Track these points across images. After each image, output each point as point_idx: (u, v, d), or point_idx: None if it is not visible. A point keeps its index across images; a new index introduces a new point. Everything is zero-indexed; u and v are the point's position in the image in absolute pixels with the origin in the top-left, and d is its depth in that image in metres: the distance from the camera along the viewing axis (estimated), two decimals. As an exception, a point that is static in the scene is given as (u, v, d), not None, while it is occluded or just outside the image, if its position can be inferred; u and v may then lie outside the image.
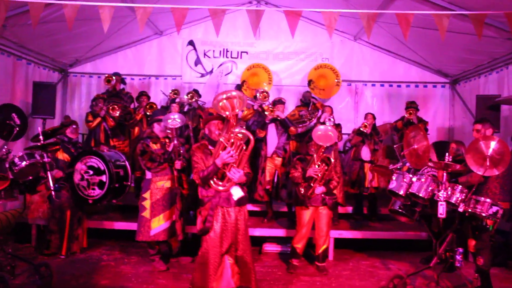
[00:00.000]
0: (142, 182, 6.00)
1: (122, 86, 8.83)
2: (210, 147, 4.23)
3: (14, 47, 7.88)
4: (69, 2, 5.19)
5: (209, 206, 4.14)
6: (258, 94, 7.68)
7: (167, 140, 5.91)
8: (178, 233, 5.89)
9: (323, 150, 5.76)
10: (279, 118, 7.24)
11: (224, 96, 3.89)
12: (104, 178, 6.06)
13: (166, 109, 8.40)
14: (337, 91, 9.54)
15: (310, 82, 9.03)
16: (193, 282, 4.27)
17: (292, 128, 7.25)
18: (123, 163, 6.41)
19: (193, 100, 8.39)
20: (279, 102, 7.50)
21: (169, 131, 5.88)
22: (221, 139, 3.98)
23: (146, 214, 5.73)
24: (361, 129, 7.59)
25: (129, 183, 6.39)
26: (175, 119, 5.82)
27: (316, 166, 5.73)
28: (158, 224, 5.71)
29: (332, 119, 7.22)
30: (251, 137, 4.01)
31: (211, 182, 4.04)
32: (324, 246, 5.94)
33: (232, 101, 3.87)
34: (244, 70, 9.52)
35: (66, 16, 5.20)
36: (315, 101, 8.30)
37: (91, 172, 6.10)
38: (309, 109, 7.98)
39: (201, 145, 4.27)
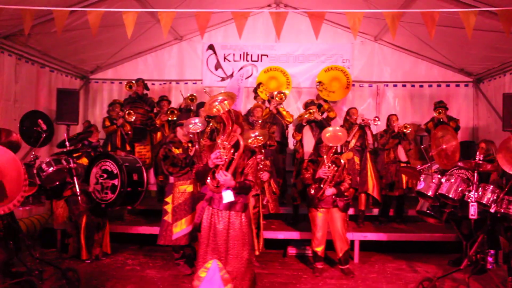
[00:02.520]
0: (166, 187, 6.02)
1: (145, 91, 8.87)
2: None
3: (38, 55, 8.01)
4: (94, 9, 5.24)
5: (201, 205, 4.14)
6: (275, 95, 7.67)
7: (190, 145, 5.92)
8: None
9: (333, 151, 5.73)
10: (316, 120, 7.21)
11: (216, 102, 3.87)
12: (116, 182, 5.92)
13: (187, 113, 8.44)
14: (355, 92, 9.48)
15: (319, 83, 8.95)
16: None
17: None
18: (138, 167, 6.22)
19: (193, 102, 8.44)
20: (311, 103, 7.48)
21: (191, 136, 5.89)
22: (218, 141, 4.00)
23: (168, 218, 5.77)
24: (404, 129, 7.45)
25: (143, 189, 6.23)
26: (196, 124, 5.82)
27: (326, 167, 5.69)
28: (180, 229, 5.72)
29: (377, 119, 7.31)
30: (241, 142, 3.94)
31: (207, 180, 4.05)
32: (344, 249, 5.88)
33: (223, 104, 3.86)
34: (261, 72, 9.53)
35: (90, 23, 5.26)
36: (322, 103, 8.26)
37: (105, 176, 6.02)
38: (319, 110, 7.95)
39: (212, 144, 4.28)
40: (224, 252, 4.02)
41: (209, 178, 4.04)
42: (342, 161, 5.83)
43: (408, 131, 7.47)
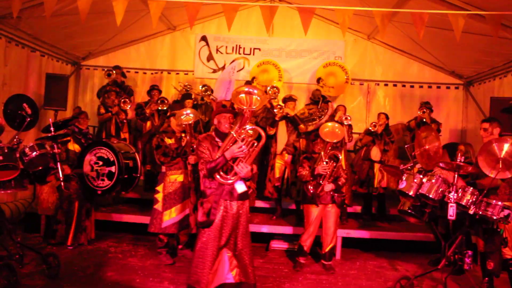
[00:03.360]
0: (158, 176, 6.08)
1: (122, 79, 8.90)
2: (217, 139, 4.21)
3: (29, 39, 7.96)
4: (83, -5, 5.21)
5: (213, 199, 4.11)
6: (268, 90, 7.68)
7: (183, 135, 5.96)
8: (192, 226, 5.95)
9: (330, 147, 5.74)
10: (289, 116, 7.24)
11: (246, 89, 3.91)
12: (113, 169, 6.03)
13: (178, 103, 8.45)
14: (346, 89, 9.51)
15: (319, 79, 8.99)
16: (189, 275, 4.22)
17: (301, 126, 7.25)
18: (132, 154, 6.40)
19: (207, 93, 8.45)
20: (289, 99, 7.50)
21: (183, 126, 5.92)
22: (232, 133, 3.98)
23: (158, 206, 5.84)
24: (369, 128, 7.57)
25: (138, 175, 6.39)
26: (188, 115, 5.87)
27: (324, 163, 5.71)
28: (170, 217, 5.79)
29: (349, 118, 7.22)
30: (263, 133, 4.01)
31: (217, 174, 4.03)
32: (331, 245, 5.92)
33: (252, 97, 3.88)
34: (254, 66, 9.56)
35: (80, 9, 5.25)
36: (329, 100, 8.28)
37: (101, 163, 6.08)
38: (319, 107, 7.95)
39: (208, 136, 4.26)
40: (233, 240, 4.16)
41: (221, 171, 4.04)
42: (340, 157, 5.83)
43: (373, 130, 7.52)
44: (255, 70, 9.46)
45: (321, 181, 5.73)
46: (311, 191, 5.75)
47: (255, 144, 4.04)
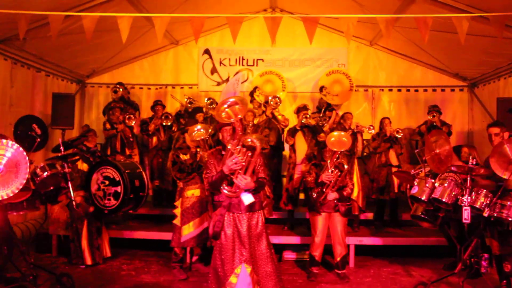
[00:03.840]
0: (177, 191, 6.12)
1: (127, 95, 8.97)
2: (223, 152, 4.23)
3: (34, 60, 8.02)
4: (88, 14, 5.25)
5: (219, 212, 4.13)
6: (270, 100, 7.69)
7: (198, 150, 5.99)
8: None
9: (337, 156, 5.74)
10: (310, 125, 7.23)
11: (225, 105, 3.93)
12: (119, 189, 6.04)
13: (192, 118, 8.45)
14: (351, 96, 9.51)
15: (322, 88, 8.99)
16: None
17: (322, 135, 7.21)
18: (139, 174, 6.38)
19: (212, 106, 8.48)
20: (303, 108, 7.49)
21: (197, 142, 5.95)
22: (228, 147, 4.00)
23: (177, 221, 5.88)
24: (395, 134, 7.49)
25: (145, 194, 6.37)
26: (199, 130, 5.93)
27: (329, 172, 5.70)
28: (188, 231, 5.81)
29: (372, 127, 7.38)
30: (257, 144, 4.00)
31: (221, 188, 4.04)
32: (343, 253, 5.88)
33: (234, 108, 3.88)
34: (256, 76, 9.61)
35: (85, 27, 5.28)
36: (333, 108, 8.30)
37: (107, 183, 6.09)
38: (321, 115, 7.96)
39: (215, 151, 4.30)
40: (250, 253, 4.06)
41: (224, 184, 4.04)
42: (346, 166, 5.82)
43: (400, 136, 7.50)
44: (258, 80, 9.50)
45: (324, 189, 5.72)
46: (314, 198, 5.75)
47: (250, 154, 4.02)
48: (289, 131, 7.36)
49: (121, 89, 8.70)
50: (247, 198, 4.05)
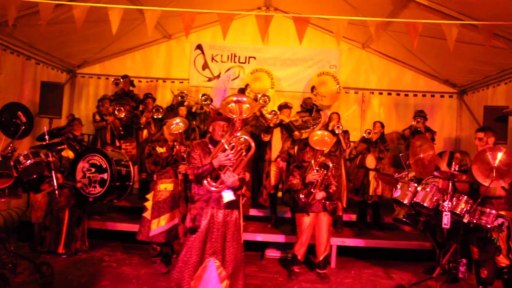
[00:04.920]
0: (150, 184, 6.07)
1: (131, 88, 8.89)
2: (210, 145, 4.22)
3: (24, 47, 7.95)
4: (79, 4, 5.22)
5: (199, 205, 4.12)
6: (259, 98, 7.71)
7: (175, 143, 5.95)
8: (180, 236, 5.91)
9: (319, 155, 5.75)
10: (283, 123, 7.26)
11: (234, 99, 3.89)
12: (105, 176, 6.02)
13: (172, 111, 8.46)
14: (341, 98, 9.56)
15: (312, 88, 9.03)
16: (171, 279, 4.20)
17: (296, 133, 7.28)
18: (126, 163, 6.38)
19: (207, 102, 8.47)
20: (285, 106, 7.53)
21: (174, 135, 5.91)
22: (222, 141, 3.98)
23: (147, 214, 5.84)
24: (364, 135, 7.60)
25: (131, 183, 6.35)
26: (178, 124, 5.87)
27: (315, 171, 5.72)
28: (157, 226, 5.78)
29: (340, 127, 7.24)
30: (253, 144, 3.99)
31: (205, 181, 4.02)
32: (325, 253, 5.91)
33: (241, 106, 3.86)
34: (247, 74, 9.63)
35: (76, 17, 5.26)
36: (320, 109, 8.33)
37: (93, 170, 6.06)
38: (312, 115, 7.98)
39: (201, 142, 4.27)
40: (221, 249, 4.07)
41: (208, 178, 4.03)
42: (330, 164, 5.84)
43: (369, 137, 7.56)
44: (248, 77, 9.53)
45: (312, 189, 5.74)
46: (303, 200, 5.75)
47: (244, 153, 4.02)
48: (264, 128, 7.36)
49: (122, 81, 8.66)
50: (228, 195, 4.04)
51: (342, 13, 6.72)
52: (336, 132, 7.15)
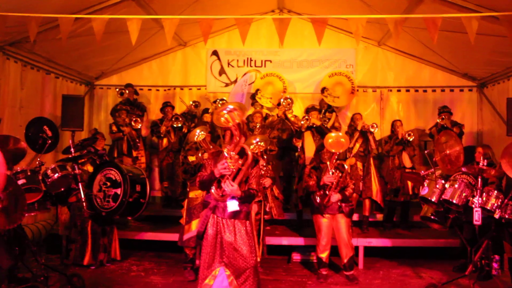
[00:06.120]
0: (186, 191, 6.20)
1: (135, 96, 9.03)
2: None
3: (43, 62, 8.07)
4: (98, 16, 5.28)
5: (205, 213, 4.11)
6: (282, 101, 7.69)
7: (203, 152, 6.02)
8: None
9: (335, 157, 5.73)
10: (315, 126, 7.23)
11: (225, 111, 3.92)
12: (119, 191, 5.90)
13: (201, 120, 8.50)
14: (359, 97, 9.49)
15: (323, 89, 8.95)
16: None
17: None
18: (142, 179, 6.21)
19: None
20: (312, 109, 7.51)
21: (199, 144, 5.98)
22: (224, 151, 3.98)
23: (182, 220, 5.97)
24: (407, 137, 7.46)
25: (145, 200, 6.16)
26: (198, 134, 5.87)
27: (330, 173, 5.70)
28: (190, 231, 5.83)
29: (375, 125, 7.27)
30: (249, 153, 3.96)
31: (212, 189, 4.03)
32: (349, 255, 5.88)
33: (233, 114, 3.88)
34: (258, 79, 9.57)
35: (95, 30, 5.31)
36: (333, 110, 8.31)
37: (109, 184, 6.03)
38: (321, 116, 7.95)
39: (215, 152, 4.28)
40: (231, 259, 4.00)
41: (213, 187, 4.02)
42: (346, 166, 5.83)
43: (411, 139, 7.48)
44: (259, 82, 9.46)
45: (327, 191, 5.72)
46: (318, 202, 5.74)
47: (240, 162, 3.96)
48: (295, 133, 7.37)
49: (127, 91, 8.74)
50: (232, 205, 4.01)
51: (357, 11, 6.69)
52: (371, 131, 7.13)
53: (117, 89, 8.91)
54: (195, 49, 10.06)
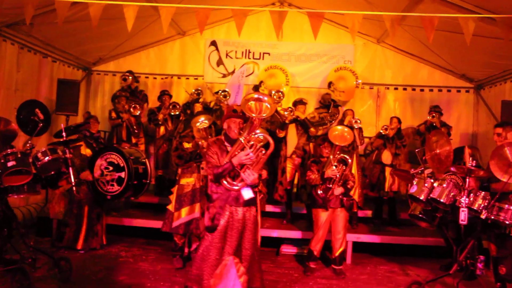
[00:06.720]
0: (177, 177, 6.23)
1: (135, 84, 9.03)
2: (226, 143, 4.21)
3: (41, 45, 8.06)
4: (95, 1, 5.26)
5: (218, 204, 4.11)
6: (273, 94, 7.69)
7: (202, 141, 6.03)
8: (201, 230, 5.96)
9: (339, 150, 5.73)
10: (299, 119, 7.24)
11: (255, 96, 3.89)
12: (123, 174, 6.05)
13: (188, 108, 8.50)
14: (356, 93, 9.49)
15: (330, 84, 8.98)
16: (188, 276, 4.23)
17: (312, 129, 7.26)
18: (143, 160, 6.43)
19: (226, 99, 8.48)
20: (300, 102, 7.51)
21: (201, 132, 6.01)
22: (241, 139, 3.97)
23: (170, 207, 5.97)
24: (381, 131, 7.56)
25: (147, 181, 6.40)
26: (203, 122, 6.01)
27: (334, 167, 5.71)
28: (179, 218, 5.86)
29: (359, 121, 7.22)
30: (271, 141, 3.98)
31: (224, 181, 4.03)
32: (341, 249, 5.91)
33: (262, 105, 3.87)
34: (262, 70, 9.63)
35: (91, 15, 5.30)
36: (339, 104, 8.28)
37: (111, 168, 6.11)
38: (330, 111, 7.95)
39: (217, 140, 4.26)
40: (239, 246, 4.11)
41: (228, 177, 4.04)
42: (349, 160, 5.83)
43: (386, 133, 7.52)
44: (263, 74, 9.53)
45: (330, 185, 5.74)
46: (321, 196, 5.75)
47: (263, 151, 4.01)
48: (279, 125, 7.36)
49: (130, 77, 8.73)
50: (248, 193, 4.05)
51: (356, 7, 6.66)
52: (355, 127, 7.13)
53: (118, 75, 8.87)
54: (194, 38, 10.05)
